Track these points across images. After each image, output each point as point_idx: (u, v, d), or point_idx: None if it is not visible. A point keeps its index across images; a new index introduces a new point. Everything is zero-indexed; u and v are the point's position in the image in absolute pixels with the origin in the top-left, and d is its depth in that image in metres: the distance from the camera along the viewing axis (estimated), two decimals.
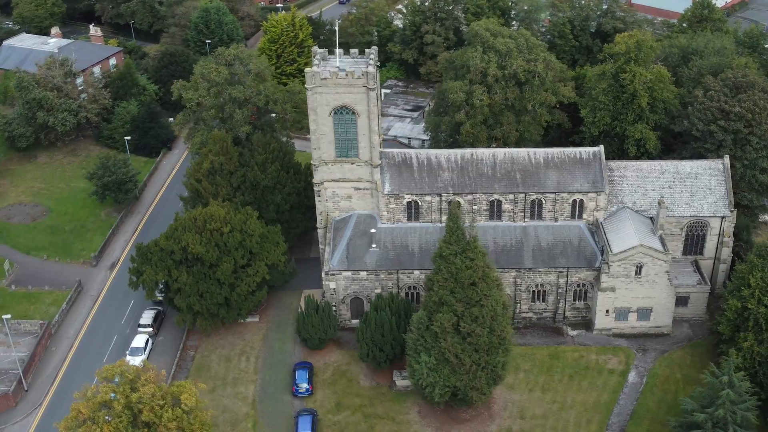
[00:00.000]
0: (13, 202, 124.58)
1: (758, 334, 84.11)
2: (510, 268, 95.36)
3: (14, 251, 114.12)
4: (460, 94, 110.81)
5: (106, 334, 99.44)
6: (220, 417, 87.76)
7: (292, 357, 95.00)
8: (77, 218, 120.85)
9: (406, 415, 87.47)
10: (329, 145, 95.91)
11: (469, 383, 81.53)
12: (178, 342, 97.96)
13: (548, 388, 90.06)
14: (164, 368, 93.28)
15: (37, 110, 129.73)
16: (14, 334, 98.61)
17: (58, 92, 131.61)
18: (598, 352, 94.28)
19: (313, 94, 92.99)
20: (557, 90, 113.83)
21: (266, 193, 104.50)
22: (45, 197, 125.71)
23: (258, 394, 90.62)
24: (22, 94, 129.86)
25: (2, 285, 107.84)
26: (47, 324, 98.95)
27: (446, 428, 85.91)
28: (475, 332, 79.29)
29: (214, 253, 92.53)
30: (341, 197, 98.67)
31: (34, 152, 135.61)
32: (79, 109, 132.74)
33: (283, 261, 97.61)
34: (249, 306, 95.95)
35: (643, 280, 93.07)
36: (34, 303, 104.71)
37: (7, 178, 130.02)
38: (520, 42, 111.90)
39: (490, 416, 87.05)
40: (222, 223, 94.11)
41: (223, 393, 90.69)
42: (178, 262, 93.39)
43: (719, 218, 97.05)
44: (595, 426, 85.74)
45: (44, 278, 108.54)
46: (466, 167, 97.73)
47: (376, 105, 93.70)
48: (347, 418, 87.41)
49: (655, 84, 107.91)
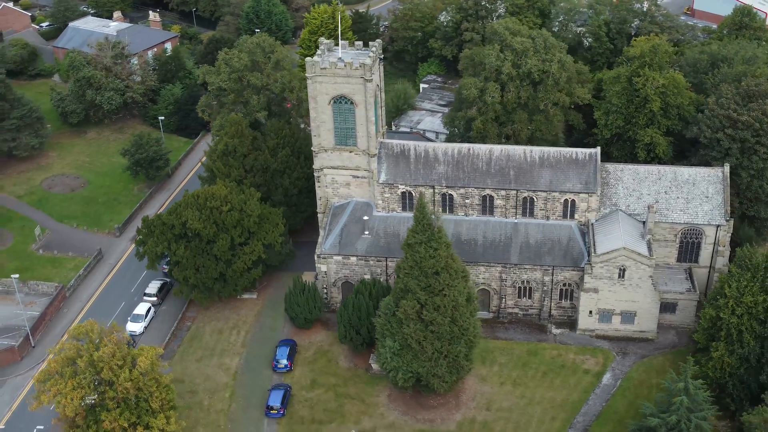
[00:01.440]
0: (57, 174, 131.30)
1: (729, 344, 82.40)
2: (496, 263, 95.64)
3: (49, 218, 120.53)
4: (474, 90, 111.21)
5: (115, 301, 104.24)
6: (202, 385, 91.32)
7: (280, 334, 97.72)
8: (111, 191, 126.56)
9: (376, 398, 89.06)
10: (329, 133, 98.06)
11: (431, 370, 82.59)
12: (179, 312, 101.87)
13: (520, 383, 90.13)
14: (161, 335, 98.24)
15: (87, 88, 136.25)
16: (32, 294, 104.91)
17: (107, 72, 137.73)
18: (577, 352, 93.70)
19: (313, 83, 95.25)
20: (572, 91, 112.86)
21: (275, 177, 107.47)
22: (86, 170, 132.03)
23: (241, 366, 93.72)
24: (74, 73, 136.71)
25: (32, 249, 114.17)
26: (62, 287, 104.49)
27: (412, 413, 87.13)
28: (437, 321, 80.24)
29: (211, 229, 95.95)
30: (340, 184, 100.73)
31: (84, 128, 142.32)
32: (126, 89, 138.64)
33: (279, 242, 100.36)
34: (244, 283, 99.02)
35: (626, 284, 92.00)
36: (57, 267, 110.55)
37: (56, 151, 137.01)
38: (538, 42, 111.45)
39: (457, 405, 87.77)
40: (222, 201, 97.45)
41: (209, 363, 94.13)
42: (178, 236, 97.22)
43: (714, 227, 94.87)
44: (559, 423, 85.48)
45: (70, 245, 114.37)
46: (461, 161, 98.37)
47: (373, 96, 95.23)
48: (320, 395, 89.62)
49: (669, 89, 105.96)
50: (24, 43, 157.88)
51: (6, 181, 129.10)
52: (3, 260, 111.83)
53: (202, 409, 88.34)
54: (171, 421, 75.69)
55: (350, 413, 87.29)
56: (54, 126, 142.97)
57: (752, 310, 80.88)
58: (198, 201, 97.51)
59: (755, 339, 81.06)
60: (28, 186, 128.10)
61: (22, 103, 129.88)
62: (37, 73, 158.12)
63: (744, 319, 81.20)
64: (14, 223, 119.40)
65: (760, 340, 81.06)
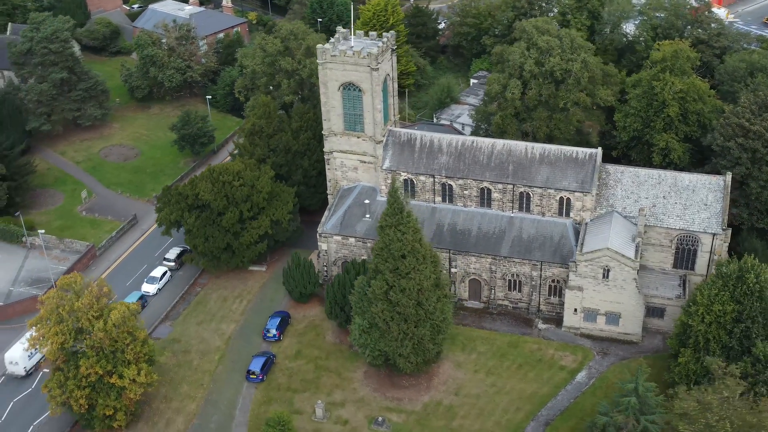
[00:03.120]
0: (116, 144, 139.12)
1: (696, 352, 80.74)
2: (487, 254, 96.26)
3: (98, 184, 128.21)
4: (496, 86, 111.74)
5: (138, 263, 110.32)
6: (196, 346, 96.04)
7: (279, 306, 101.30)
8: (159, 163, 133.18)
9: (352, 373, 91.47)
10: (338, 118, 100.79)
11: (397, 350, 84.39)
12: (192, 278, 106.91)
13: (494, 372, 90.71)
14: (172, 298, 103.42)
15: (150, 66, 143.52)
16: (67, 251, 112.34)
17: (170, 52, 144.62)
18: (558, 348, 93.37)
19: (323, 69, 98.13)
20: (594, 92, 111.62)
21: (297, 158, 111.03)
22: (142, 142, 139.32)
23: (235, 332, 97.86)
24: (140, 51, 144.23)
25: (77, 210, 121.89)
26: (92, 246, 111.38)
27: (383, 390, 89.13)
28: (402, 302, 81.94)
29: (222, 202, 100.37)
30: (348, 168, 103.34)
31: (148, 103, 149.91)
32: (187, 69, 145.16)
33: (287, 219, 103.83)
34: (251, 255, 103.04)
35: (611, 284, 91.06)
36: (95, 228, 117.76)
37: (119, 123, 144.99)
38: (564, 41, 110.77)
39: (428, 388, 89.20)
40: (234, 176, 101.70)
41: (207, 327, 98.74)
42: (191, 207, 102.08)
43: (710, 235, 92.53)
44: (522, 415, 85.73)
45: (111, 209, 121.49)
46: (463, 153, 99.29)
47: (379, 85, 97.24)
48: (301, 366, 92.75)
49: (689, 95, 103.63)
50: (107, 22, 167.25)
51: (69, 147, 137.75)
52: (50, 218, 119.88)
53: (191, 368, 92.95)
54: (142, 373, 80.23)
55: (325, 385, 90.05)
56: (123, 100, 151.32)
57: (720, 319, 79.01)
58: (212, 175, 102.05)
59: (721, 348, 79.18)
60: (87, 153, 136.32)
61: (89, 77, 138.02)
62: (117, 50, 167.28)
63: (712, 327, 79.42)
64: (67, 185, 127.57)
65: (726, 350, 79.11)
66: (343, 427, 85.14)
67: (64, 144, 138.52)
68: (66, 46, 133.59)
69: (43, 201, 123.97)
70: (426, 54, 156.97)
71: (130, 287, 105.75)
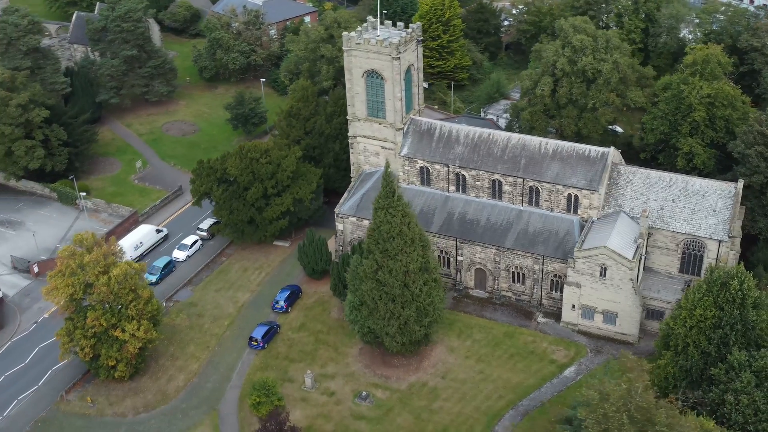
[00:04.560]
0: (177, 119, 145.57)
1: (676, 355, 79.27)
2: (491, 245, 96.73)
3: (154, 155, 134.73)
4: (527, 82, 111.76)
5: (175, 231, 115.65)
6: (210, 311, 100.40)
7: (294, 280, 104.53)
8: (214, 140, 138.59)
9: (348, 349, 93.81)
10: (362, 104, 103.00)
11: (383, 329, 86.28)
12: (220, 248, 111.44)
13: (484, 360, 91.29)
14: (198, 265, 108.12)
15: (217, 48, 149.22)
16: (114, 215, 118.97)
17: (236, 36, 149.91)
18: (552, 342, 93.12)
19: (348, 56, 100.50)
20: (624, 92, 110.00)
21: (329, 141, 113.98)
22: (202, 119, 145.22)
23: (248, 301, 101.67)
24: (208, 33, 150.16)
25: (130, 179, 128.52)
26: (135, 212, 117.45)
27: (374, 367, 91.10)
28: (389, 283, 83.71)
29: (247, 177, 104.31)
30: (371, 153, 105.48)
31: (216, 83, 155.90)
32: (251, 52, 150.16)
33: (309, 198, 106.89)
34: (273, 230, 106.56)
35: (608, 283, 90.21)
36: (143, 196, 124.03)
37: (185, 100, 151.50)
38: (600, 41, 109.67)
39: (417, 369, 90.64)
40: (261, 154, 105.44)
41: (225, 294, 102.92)
42: (220, 180, 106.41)
43: (716, 241, 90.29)
44: (503, 403, 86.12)
45: (161, 180, 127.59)
46: (479, 145, 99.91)
47: (399, 74, 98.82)
48: (302, 338, 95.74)
49: (718, 100, 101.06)
50: (188, 5, 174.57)
51: (135, 120, 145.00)
52: (105, 184, 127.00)
53: (201, 331, 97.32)
54: (141, 329, 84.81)
55: (321, 358, 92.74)
56: (193, 79, 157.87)
57: (701, 324, 77.16)
58: (242, 151, 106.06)
59: (700, 354, 77.44)
60: (150, 127, 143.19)
61: (159, 55, 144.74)
62: (196, 33, 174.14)
63: (693, 331, 77.68)
64: (127, 155, 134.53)
65: (705, 356, 77.37)
66: (328, 398, 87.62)
67: (131, 117, 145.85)
68: (138, 26, 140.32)
69: (102, 168, 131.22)
70: (486, 49, 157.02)
71: (163, 252, 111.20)
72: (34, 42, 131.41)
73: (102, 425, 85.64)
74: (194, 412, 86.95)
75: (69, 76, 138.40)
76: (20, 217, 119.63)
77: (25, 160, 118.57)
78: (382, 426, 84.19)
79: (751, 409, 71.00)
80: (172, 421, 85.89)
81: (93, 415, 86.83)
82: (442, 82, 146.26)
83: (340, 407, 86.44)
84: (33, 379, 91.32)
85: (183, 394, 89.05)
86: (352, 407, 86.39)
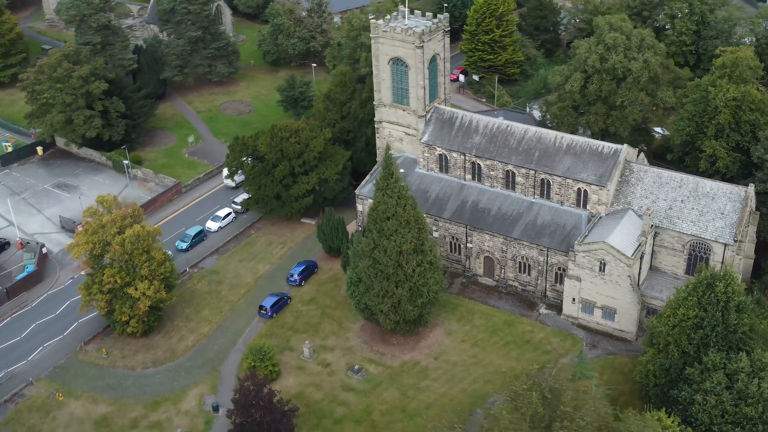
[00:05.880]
0: (236, 99, 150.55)
1: (657, 353, 78.44)
2: (499, 234, 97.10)
3: (208, 132, 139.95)
4: (558, 77, 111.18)
5: (213, 203, 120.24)
6: (230, 279, 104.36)
7: (314, 257, 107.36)
8: (266, 120, 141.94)
9: (351, 324, 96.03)
10: (387, 90, 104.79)
11: (377, 306, 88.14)
12: (251, 222, 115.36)
13: (479, 345, 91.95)
14: (227, 236, 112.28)
15: (279, 33, 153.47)
16: (160, 185, 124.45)
17: (298, 23, 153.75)
18: (550, 334, 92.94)
19: (375, 43, 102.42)
20: (655, 92, 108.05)
21: (362, 126, 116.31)
22: (258, 100, 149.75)
23: (266, 273, 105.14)
24: (271, 19, 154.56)
25: (182, 152, 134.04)
26: (178, 183, 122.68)
27: (372, 344, 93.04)
28: (383, 261, 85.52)
29: (276, 155, 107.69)
30: (395, 138, 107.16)
31: (277, 67, 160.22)
32: (311, 39, 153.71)
33: (334, 179, 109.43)
34: (298, 207, 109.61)
35: (606, 278, 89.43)
36: (190, 169, 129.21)
37: (246, 81, 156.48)
38: (633, 40, 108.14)
39: (412, 348, 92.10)
40: (291, 134, 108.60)
41: (246, 264, 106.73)
42: (251, 156, 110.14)
43: (722, 245, 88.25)
44: (490, 387, 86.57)
45: (210, 155, 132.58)
46: (496, 136, 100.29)
47: (422, 62, 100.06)
48: (310, 310, 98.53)
49: (744, 104, 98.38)
50: None
51: (197, 98, 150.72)
52: (158, 156, 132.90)
53: (218, 296, 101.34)
54: (151, 288, 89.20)
55: (324, 331, 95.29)
56: (257, 62, 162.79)
57: (683, 324, 76.16)
58: (273, 130, 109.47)
59: (680, 353, 76.39)
60: (209, 105, 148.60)
61: (222, 38, 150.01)
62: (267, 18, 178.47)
63: (675, 330, 76.76)
64: (183, 130, 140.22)
65: (684, 356, 76.25)
66: (323, 368, 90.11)
67: (193, 95, 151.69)
68: (204, 9, 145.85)
69: (158, 140, 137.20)
70: (542, 46, 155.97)
71: (199, 221, 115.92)
72: (104, 19, 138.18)
73: (112, 375, 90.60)
74: (197, 371, 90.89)
75: (137, 53, 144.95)
76: (76, 182, 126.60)
77: (83, 128, 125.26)
78: (368, 399, 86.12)
79: (717, 410, 70.03)
80: (176, 378, 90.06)
81: (106, 365, 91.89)
82: (493, 76, 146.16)
83: (332, 378, 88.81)
84: (60, 329, 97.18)
85: (190, 354, 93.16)
86: (344, 379, 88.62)
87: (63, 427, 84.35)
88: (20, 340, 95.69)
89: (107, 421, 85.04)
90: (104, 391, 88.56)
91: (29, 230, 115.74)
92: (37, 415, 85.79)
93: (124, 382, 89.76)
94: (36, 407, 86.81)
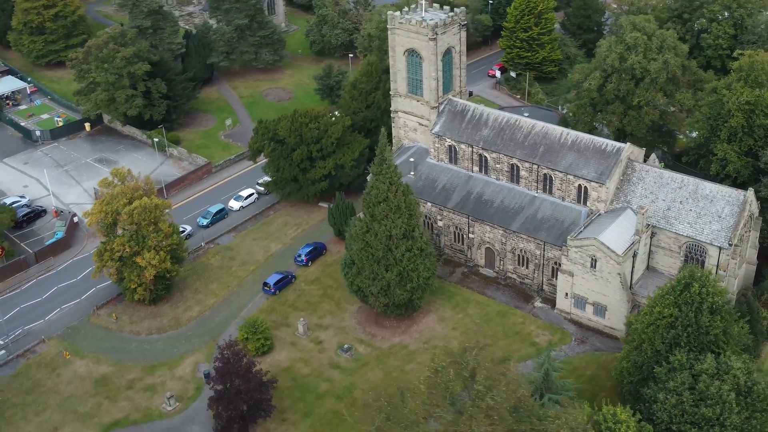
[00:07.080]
0: (278, 87, 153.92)
1: (632, 350, 77.83)
2: (500, 226, 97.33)
3: (247, 117, 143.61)
4: (578, 75, 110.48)
5: (239, 185, 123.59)
6: (242, 256, 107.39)
7: (324, 239, 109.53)
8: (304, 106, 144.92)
9: (349, 305, 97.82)
10: (403, 81, 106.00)
11: (368, 287, 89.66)
12: (271, 203, 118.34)
13: (468, 333, 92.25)
14: (247, 216, 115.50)
15: (323, 24, 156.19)
16: (192, 164, 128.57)
17: (342, 14, 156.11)
18: (540, 327, 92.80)
19: (392, 34, 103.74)
20: (672, 93, 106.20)
21: (384, 115, 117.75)
22: (299, 88, 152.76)
23: (277, 252, 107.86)
24: (317, 10, 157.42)
25: (219, 134, 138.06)
26: (208, 163, 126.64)
27: (364, 325, 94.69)
28: (373, 245, 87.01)
29: (294, 139, 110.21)
30: (410, 128, 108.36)
31: (323, 57, 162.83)
32: (354, 30, 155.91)
33: (350, 165, 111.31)
34: (314, 190, 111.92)
35: (597, 275, 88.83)
36: (224, 151, 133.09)
37: (291, 69, 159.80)
38: (654, 41, 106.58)
39: (403, 332, 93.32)
40: (311, 119, 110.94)
41: (259, 243, 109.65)
42: (271, 139, 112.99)
43: (717, 248, 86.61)
44: None
45: (245, 138, 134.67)
46: (504, 129, 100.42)
47: (435, 54, 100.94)
48: (312, 290, 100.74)
49: (759, 108, 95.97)
50: None
51: (241, 84, 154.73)
52: (195, 137, 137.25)
53: (228, 272, 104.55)
54: (157, 258, 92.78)
55: (321, 310, 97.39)
56: (305, 52, 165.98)
57: (658, 322, 75.34)
58: (294, 115, 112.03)
59: (652, 351, 75.59)
60: (252, 91, 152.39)
61: (269, 27, 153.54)
62: None
63: (649, 329, 76.00)
64: (224, 114, 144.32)
65: (656, 354, 75.42)
66: (315, 345, 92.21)
67: (239, 80, 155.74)
68: None
69: (197, 122, 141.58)
70: (584, 45, 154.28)
71: (223, 200, 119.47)
72: (155, 4, 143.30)
73: (118, 338, 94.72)
74: (197, 339, 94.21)
75: (187, 38, 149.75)
76: (117, 158, 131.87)
77: (125, 107, 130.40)
78: (352, 377, 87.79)
79: (678, 409, 69.24)
80: (176, 345, 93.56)
81: (114, 329, 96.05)
82: (531, 73, 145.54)
83: (321, 355, 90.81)
84: (78, 293, 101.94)
85: (193, 323, 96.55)
86: (333, 357, 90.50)
87: (65, 384, 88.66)
88: (41, 301, 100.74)
89: (106, 380, 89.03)
90: (108, 352, 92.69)
91: (67, 200, 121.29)
92: (44, 371, 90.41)
93: (128, 345, 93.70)
94: (44, 363, 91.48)
